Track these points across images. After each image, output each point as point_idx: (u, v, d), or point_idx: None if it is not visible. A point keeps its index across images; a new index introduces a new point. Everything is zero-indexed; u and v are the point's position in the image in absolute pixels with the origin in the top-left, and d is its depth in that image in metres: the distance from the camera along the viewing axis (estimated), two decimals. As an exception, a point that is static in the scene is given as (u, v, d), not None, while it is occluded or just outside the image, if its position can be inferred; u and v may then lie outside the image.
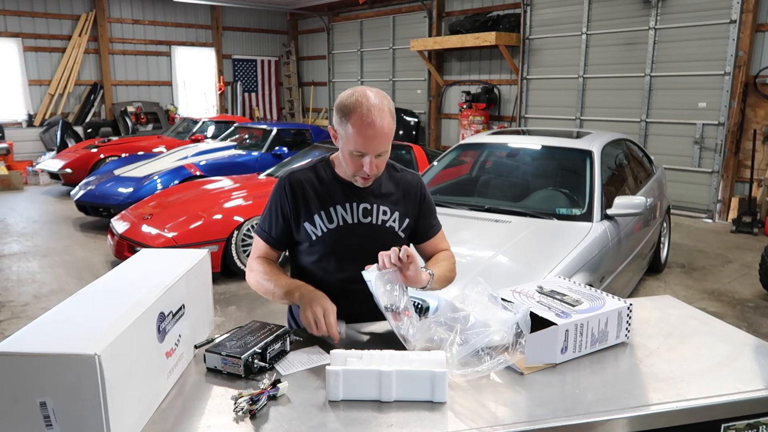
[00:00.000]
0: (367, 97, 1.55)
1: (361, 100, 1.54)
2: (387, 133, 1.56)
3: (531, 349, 1.39)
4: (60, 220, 7.49)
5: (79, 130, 11.78)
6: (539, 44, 9.51)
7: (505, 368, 1.40)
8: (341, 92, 1.64)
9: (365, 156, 1.57)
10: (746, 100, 7.39)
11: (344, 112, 1.55)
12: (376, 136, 1.54)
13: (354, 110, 1.53)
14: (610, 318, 1.47)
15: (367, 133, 1.53)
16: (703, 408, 1.25)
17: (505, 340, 1.45)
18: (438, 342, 1.40)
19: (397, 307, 1.45)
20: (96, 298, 1.27)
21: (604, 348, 1.48)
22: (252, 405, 1.19)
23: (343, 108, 1.56)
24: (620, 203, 3.62)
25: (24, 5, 11.54)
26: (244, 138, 8.76)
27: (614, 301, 1.52)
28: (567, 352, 1.41)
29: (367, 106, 1.53)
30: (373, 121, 1.52)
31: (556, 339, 1.38)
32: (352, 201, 1.71)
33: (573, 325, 1.40)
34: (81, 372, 0.99)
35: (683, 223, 7.43)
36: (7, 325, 4.24)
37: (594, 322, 1.44)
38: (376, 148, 1.56)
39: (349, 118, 1.54)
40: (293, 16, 15.02)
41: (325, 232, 1.70)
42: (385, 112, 1.56)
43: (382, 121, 1.54)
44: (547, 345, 1.39)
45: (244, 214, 5.21)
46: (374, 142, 1.54)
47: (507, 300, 1.57)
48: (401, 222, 1.77)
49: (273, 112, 15.51)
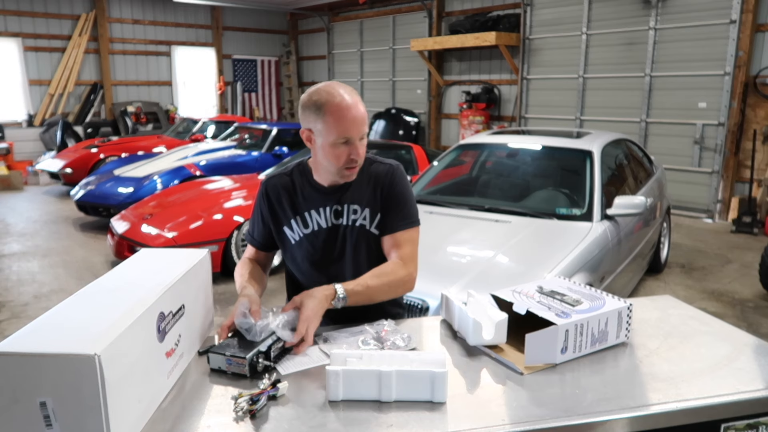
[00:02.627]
0: (333, 87, 1.58)
1: (330, 90, 1.57)
2: (364, 115, 1.59)
3: (531, 348, 1.38)
4: (60, 220, 7.49)
5: (79, 130, 11.78)
6: (539, 44, 9.51)
7: (505, 368, 1.40)
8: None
9: (350, 141, 1.57)
10: (746, 100, 7.39)
11: (317, 106, 1.56)
12: (356, 118, 1.56)
13: (327, 101, 1.55)
14: (610, 318, 1.47)
15: (348, 115, 1.55)
16: (703, 408, 1.25)
17: (495, 340, 1.47)
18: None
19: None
20: (96, 298, 1.27)
21: (604, 348, 1.48)
22: (252, 405, 1.19)
23: (314, 104, 1.56)
24: (620, 203, 3.62)
25: (24, 5, 11.55)
26: (244, 138, 8.76)
27: (614, 301, 1.52)
28: (567, 352, 1.41)
29: (338, 93, 1.56)
30: (349, 105, 1.55)
31: (556, 339, 1.38)
32: (325, 205, 1.71)
33: (573, 325, 1.40)
34: (81, 372, 0.99)
35: (683, 223, 7.43)
36: (7, 325, 4.24)
37: (594, 322, 1.44)
38: (359, 129, 1.57)
39: (323, 108, 1.55)
40: (293, 16, 15.02)
41: (302, 236, 1.73)
42: (355, 95, 1.59)
43: (357, 104, 1.57)
44: (547, 345, 1.38)
45: (244, 214, 5.21)
46: (356, 123, 1.56)
47: (503, 299, 1.57)
48: (372, 218, 1.72)
49: (273, 112, 15.51)
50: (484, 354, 1.47)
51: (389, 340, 1.48)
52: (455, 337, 1.59)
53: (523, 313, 1.49)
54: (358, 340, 1.48)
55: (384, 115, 12.20)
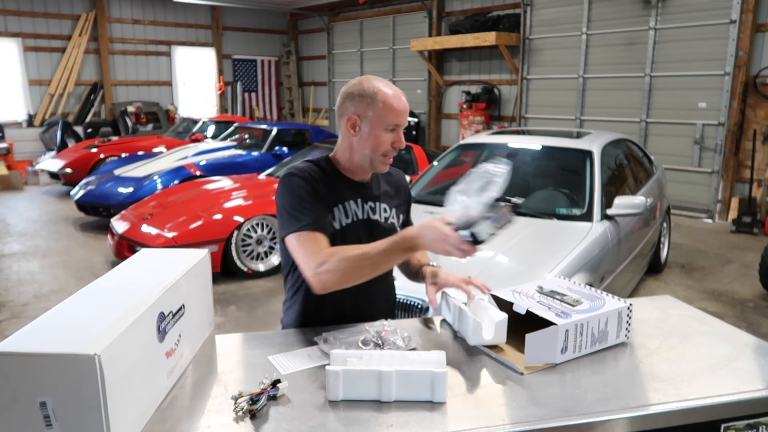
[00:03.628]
0: (382, 79, 1.66)
1: (381, 81, 1.64)
2: (408, 107, 1.67)
3: (531, 348, 1.39)
4: (60, 220, 7.49)
5: (79, 130, 11.79)
6: (539, 44, 9.51)
7: (505, 368, 1.40)
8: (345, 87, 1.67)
9: (396, 129, 1.63)
10: (746, 100, 7.39)
11: (368, 93, 1.61)
12: (406, 107, 1.64)
13: (379, 89, 1.61)
14: (610, 318, 1.47)
15: (400, 103, 1.62)
16: (703, 408, 1.25)
17: (495, 340, 1.47)
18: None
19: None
20: (96, 298, 1.27)
21: (604, 348, 1.48)
22: (252, 405, 1.19)
23: (365, 91, 1.61)
24: (620, 203, 3.62)
25: (24, 5, 11.55)
26: (244, 138, 8.76)
27: (614, 301, 1.52)
28: (567, 352, 1.41)
29: (387, 83, 1.64)
30: (400, 95, 1.64)
31: (556, 339, 1.38)
32: (361, 197, 1.70)
33: (573, 325, 1.40)
34: (81, 372, 0.99)
35: (683, 223, 7.43)
36: (7, 325, 4.24)
37: (594, 322, 1.44)
38: (406, 118, 1.64)
39: (378, 95, 1.60)
40: (293, 16, 15.02)
41: (343, 226, 1.67)
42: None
43: (403, 95, 1.66)
44: (547, 345, 1.38)
45: (244, 214, 5.22)
46: (405, 112, 1.63)
47: (503, 299, 1.57)
48: (398, 218, 1.79)
49: (273, 112, 15.51)
50: (484, 354, 1.47)
51: (389, 340, 1.48)
52: (455, 337, 1.59)
53: (523, 312, 1.49)
54: (358, 340, 1.48)
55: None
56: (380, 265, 1.50)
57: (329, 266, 1.46)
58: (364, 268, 1.48)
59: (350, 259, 1.46)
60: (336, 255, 1.48)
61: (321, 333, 1.55)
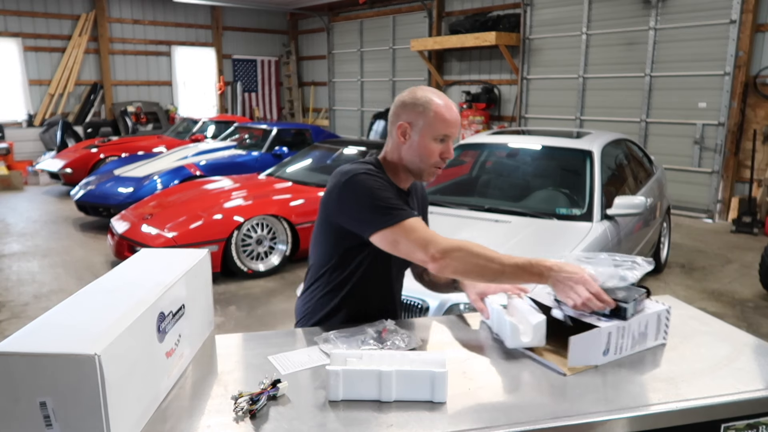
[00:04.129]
0: (436, 90, 1.68)
1: (434, 91, 1.66)
2: (460, 119, 1.70)
3: (574, 350, 1.38)
4: (60, 220, 7.49)
5: (79, 130, 11.79)
6: (539, 44, 9.51)
7: (506, 368, 1.40)
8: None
9: (446, 140, 1.64)
10: (746, 100, 7.39)
11: (422, 102, 1.63)
12: (457, 118, 1.66)
13: (433, 99, 1.63)
14: (650, 321, 1.48)
15: (452, 114, 1.63)
16: (703, 408, 1.25)
17: (533, 342, 1.45)
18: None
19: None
20: (96, 298, 1.27)
21: (643, 350, 1.49)
22: (252, 405, 1.19)
23: (419, 99, 1.63)
24: (620, 203, 3.62)
25: (24, 5, 11.55)
26: (244, 138, 8.77)
27: (654, 304, 1.53)
28: (609, 354, 1.42)
29: (440, 94, 1.66)
30: (452, 106, 1.66)
31: (599, 341, 1.39)
32: (409, 207, 1.73)
33: (615, 327, 1.41)
34: (81, 372, 0.99)
35: (683, 223, 7.43)
36: (7, 325, 4.24)
37: (635, 324, 1.45)
38: (456, 130, 1.66)
39: (430, 105, 1.62)
40: (293, 16, 15.02)
41: None
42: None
43: (455, 107, 1.69)
44: (590, 347, 1.39)
45: (244, 214, 5.22)
46: (457, 123, 1.65)
47: (538, 302, 1.56)
48: None
49: (273, 112, 15.51)
50: (526, 356, 1.46)
51: (389, 340, 1.48)
52: (456, 337, 1.60)
53: (561, 319, 1.49)
54: (358, 340, 1.48)
55: (384, 115, 12.19)
56: (503, 277, 1.49)
57: (459, 255, 1.48)
58: (487, 272, 1.48)
59: (481, 257, 1.48)
60: (468, 248, 1.49)
61: (321, 333, 1.55)
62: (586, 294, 1.42)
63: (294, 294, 4.06)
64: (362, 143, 6.84)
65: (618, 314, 1.43)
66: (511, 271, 1.47)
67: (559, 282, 1.45)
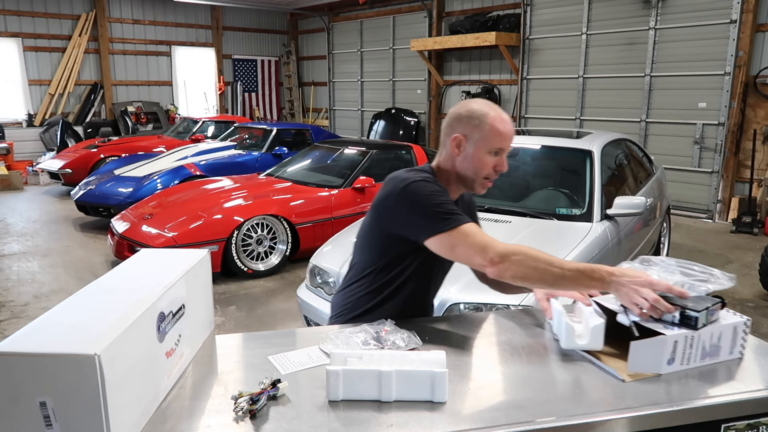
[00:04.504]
0: (491, 104, 1.69)
1: (490, 105, 1.68)
2: (514, 133, 1.70)
3: (635, 357, 1.34)
4: (60, 220, 7.49)
5: (79, 130, 11.79)
6: (539, 44, 9.51)
7: (508, 368, 1.40)
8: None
9: (500, 153, 1.66)
10: (746, 100, 7.39)
11: (477, 115, 1.64)
12: (512, 132, 1.67)
13: (488, 112, 1.64)
14: (724, 332, 1.40)
15: (507, 128, 1.65)
16: (703, 408, 1.25)
17: (590, 345, 1.43)
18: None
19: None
20: (96, 298, 1.27)
21: (716, 362, 1.42)
22: (252, 405, 1.19)
23: (474, 113, 1.65)
24: (620, 203, 3.62)
25: (24, 5, 11.55)
26: (244, 138, 8.77)
27: (731, 316, 1.45)
28: (674, 364, 1.36)
29: (495, 108, 1.67)
30: (508, 120, 1.66)
31: (662, 350, 1.33)
32: None
33: (683, 336, 1.35)
34: (81, 372, 0.99)
35: (683, 223, 7.43)
36: (7, 325, 4.24)
37: (706, 335, 1.37)
38: (510, 143, 1.68)
39: (486, 118, 1.63)
40: (293, 16, 15.02)
41: None
42: None
43: (511, 122, 1.70)
44: (652, 354, 1.34)
45: (244, 214, 5.22)
46: (511, 136, 1.67)
47: (603, 306, 1.51)
48: None
49: (273, 112, 15.51)
50: (585, 360, 1.42)
51: (389, 340, 1.48)
52: (456, 337, 1.60)
53: (627, 324, 1.42)
54: (359, 340, 1.48)
55: (384, 115, 12.20)
56: (564, 281, 1.45)
57: (518, 258, 1.48)
58: (547, 276, 1.46)
59: (541, 261, 1.47)
60: (527, 252, 1.49)
61: (321, 332, 1.55)
62: (653, 295, 1.36)
63: (294, 294, 4.06)
64: (362, 143, 6.84)
65: (688, 323, 1.36)
66: (572, 275, 1.44)
67: (622, 286, 1.40)
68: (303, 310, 3.64)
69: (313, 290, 3.58)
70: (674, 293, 1.38)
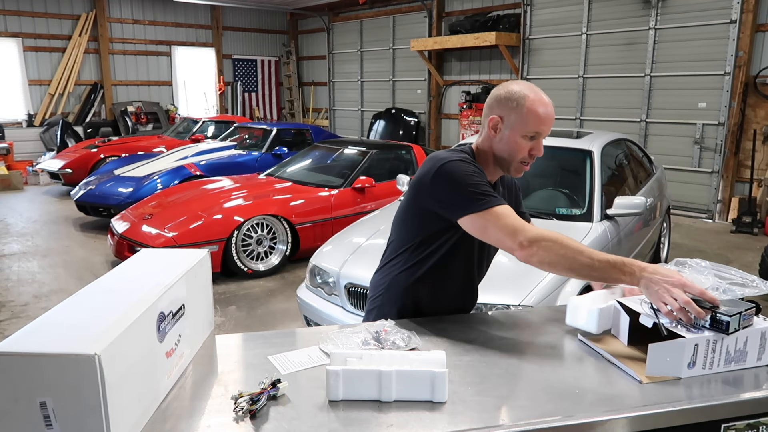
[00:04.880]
0: (533, 86, 1.65)
1: (532, 87, 1.64)
2: (554, 117, 1.65)
3: (653, 359, 1.32)
4: (60, 220, 7.49)
5: (79, 130, 11.79)
6: (539, 44, 9.51)
7: (508, 368, 1.40)
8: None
9: (537, 137, 1.63)
10: (746, 100, 7.39)
11: (515, 98, 1.62)
12: (551, 116, 1.63)
13: (527, 95, 1.61)
14: (750, 337, 1.36)
15: (546, 111, 1.61)
16: (703, 408, 1.25)
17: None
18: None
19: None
20: (96, 298, 1.27)
21: (742, 368, 1.38)
22: (252, 405, 1.19)
23: (513, 95, 1.62)
24: (620, 203, 3.62)
25: (24, 5, 11.55)
26: (244, 138, 8.77)
27: (761, 321, 1.40)
28: (695, 368, 1.33)
29: (540, 92, 1.63)
30: (548, 103, 1.63)
31: (682, 352, 1.31)
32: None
33: (705, 340, 1.31)
34: (81, 372, 0.99)
35: (683, 223, 7.43)
36: (7, 325, 4.24)
37: (730, 339, 1.33)
38: (549, 127, 1.64)
39: (524, 101, 1.60)
40: (293, 16, 15.02)
41: None
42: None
43: (551, 105, 1.65)
44: (672, 357, 1.31)
45: (244, 214, 5.22)
46: (549, 121, 1.63)
47: (625, 306, 1.45)
48: None
49: (273, 112, 15.51)
50: (603, 358, 1.43)
51: (389, 340, 1.48)
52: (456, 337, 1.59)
53: (649, 326, 1.39)
54: (359, 340, 1.48)
55: (384, 115, 12.20)
56: (592, 272, 1.44)
57: (547, 245, 1.48)
58: (575, 265, 1.45)
59: (570, 249, 1.46)
60: (557, 238, 1.49)
61: (322, 332, 1.55)
62: (684, 297, 1.31)
63: (294, 294, 4.06)
64: (362, 143, 6.84)
65: (719, 327, 1.31)
66: (600, 266, 1.42)
67: (653, 284, 1.36)
68: (303, 310, 3.64)
69: (313, 290, 3.58)
70: (706, 298, 1.33)
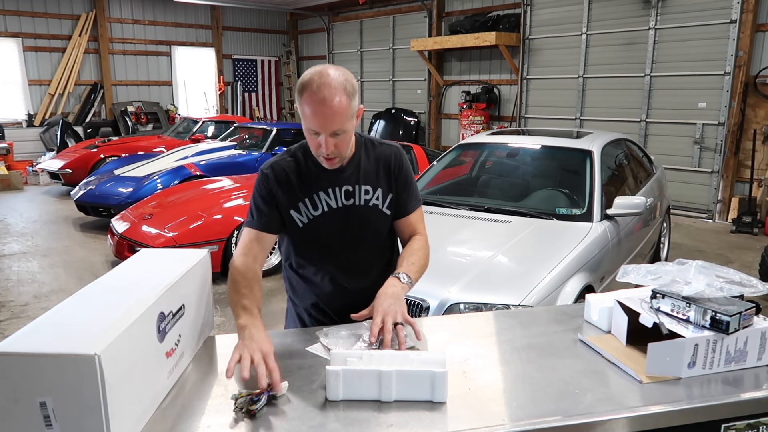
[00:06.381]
0: (321, 75, 1.50)
1: (314, 77, 1.50)
2: (339, 111, 1.49)
3: (653, 358, 1.32)
4: (60, 220, 7.49)
5: (79, 130, 11.79)
6: (539, 44, 9.51)
7: (509, 368, 1.40)
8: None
9: (320, 135, 1.53)
10: (746, 100, 7.39)
11: (299, 90, 1.52)
12: (326, 114, 1.49)
13: (306, 88, 1.49)
14: (750, 337, 1.36)
15: (317, 109, 1.48)
16: (703, 408, 1.25)
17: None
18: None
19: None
20: (96, 298, 1.27)
21: (742, 368, 1.39)
22: (252, 405, 1.19)
23: (299, 86, 1.53)
24: (620, 203, 3.62)
25: (24, 5, 11.55)
26: (244, 138, 8.77)
27: (761, 321, 1.41)
28: (695, 368, 1.34)
29: (318, 83, 1.48)
30: (323, 98, 1.47)
31: (682, 352, 1.31)
32: (335, 185, 1.68)
33: (704, 340, 1.33)
34: (81, 372, 0.99)
35: (683, 223, 7.43)
36: (7, 325, 4.24)
37: (730, 339, 1.34)
38: (328, 126, 1.51)
39: (302, 95, 1.50)
40: (293, 16, 15.02)
41: (311, 218, 1.68)
42: (339, 89, 1.49)
43: (332, 98, 1.48)
44: (672, 357, 1.32)
45: (244, 214, 5.21)
46: (325, 119, 1.49)
47: (625, 306, 1.47)
48: (384, 199, 1.73)
49: (273, 112, 15.51)
50: (604, 359, 1.44)
51: None
52: (456, 337, 1.60)
53: (649, 326, 1.40)
54: (359, 338, 1.48)
55: (384, 115, 12.20)
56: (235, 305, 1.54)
57: (231, 275, 1.61)
58: (231, 297, 1.57)
59: (231, 283, 1.59)
60: (236, 275, 1.59)
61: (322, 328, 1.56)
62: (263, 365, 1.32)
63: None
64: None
65: (719, 327, 1.32)
66: (236, 312, 1.53)
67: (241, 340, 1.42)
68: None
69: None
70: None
